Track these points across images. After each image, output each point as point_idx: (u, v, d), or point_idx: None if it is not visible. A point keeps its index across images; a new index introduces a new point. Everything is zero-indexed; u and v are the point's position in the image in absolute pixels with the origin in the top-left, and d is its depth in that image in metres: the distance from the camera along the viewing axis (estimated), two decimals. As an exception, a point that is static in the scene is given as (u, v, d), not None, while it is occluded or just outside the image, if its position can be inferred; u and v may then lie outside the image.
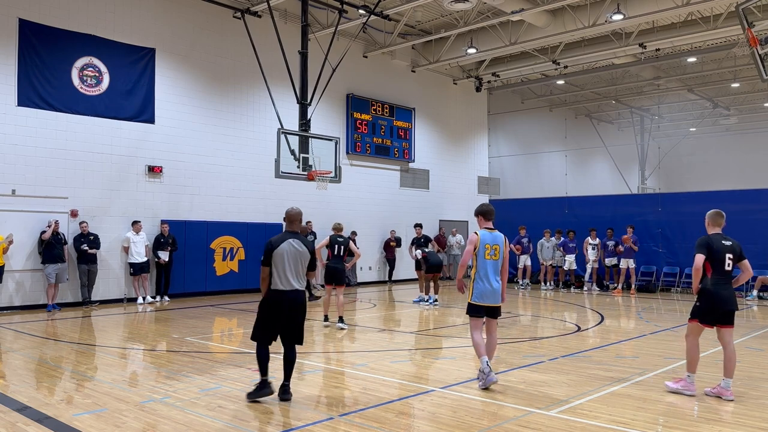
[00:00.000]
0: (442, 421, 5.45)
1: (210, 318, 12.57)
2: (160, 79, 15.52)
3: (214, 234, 16.25)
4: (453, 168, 23.81)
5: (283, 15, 17.54)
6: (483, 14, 18.12)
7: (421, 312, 13.57)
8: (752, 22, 12.78)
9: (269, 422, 5.48)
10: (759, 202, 16.94)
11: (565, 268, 18.88)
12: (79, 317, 12.38)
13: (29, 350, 8.90)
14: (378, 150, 20.81)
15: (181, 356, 8.43)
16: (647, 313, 13.67)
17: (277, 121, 14.94)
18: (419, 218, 19.22)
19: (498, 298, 6.70)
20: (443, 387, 6.63)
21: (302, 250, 6.21)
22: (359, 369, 7.73)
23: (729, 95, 28.37)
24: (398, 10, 17.42)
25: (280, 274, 6.13)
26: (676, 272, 17.93)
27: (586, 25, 17.57)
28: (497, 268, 6.74)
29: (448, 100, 23.78)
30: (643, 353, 8.78)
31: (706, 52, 21.03)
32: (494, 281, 6.65)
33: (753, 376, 7.17)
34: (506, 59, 22.79)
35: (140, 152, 15.10)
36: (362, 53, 20.37)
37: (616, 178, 29.22)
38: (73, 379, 7.29)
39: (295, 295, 6.18)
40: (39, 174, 13.50)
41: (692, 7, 16.07)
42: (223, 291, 16.03)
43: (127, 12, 15.01)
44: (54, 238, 13.13)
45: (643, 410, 5.78)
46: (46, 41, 13.62)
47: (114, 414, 5.63)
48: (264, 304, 6.22)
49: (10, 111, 13.18)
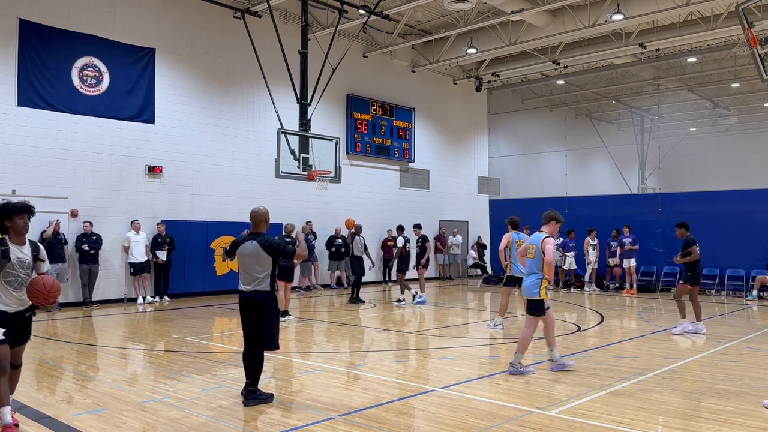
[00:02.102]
0: (442, 421, 5.45)
1: (210, 318, 12.58)
2: (160, 79, 15.52)
3: (214, 234, 16.25)
4: (453, 168, 23.81)
5: (283, 15, 17.54)
6: (483, 14, 18.12)
7: (421, 312, 13.56)
8: (752, 22, 12.74)
9: (269, 422, 5.48)
10: (759, 202, 16.93)
11: (565, 268, 18.88)
12: (79, 317, 12.39)
13: (29, 350, 8.84)
14: (378, 150, 20.81)
15: (181, 356, 8.42)
16: (647, 313, 13.67)
17: (277, 121, 14.94)
18: (419, 218, 19.20)
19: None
20: (443, 387, 6.63)
21: (256, 251, 6.02)
22: (359, 369, 7.73)
23: (729, 95, 28.37)
24: (398, 10, 17.42)
25: (240, 275, 6.16)
26: (676, 272, 17.91)
27: (586, 25, 17.56)
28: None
29: (448, 100, 23.78)
30: (643, 353, 8.77)
31: (706, 52, 21.03)
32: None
33: (753, 376, 7.17)
34: (506, 59, 22.79)
35: (140, 152, 15.10)
36: (362, 53, 20.37)
37: (616, 178, 29.22)
38: (73, 379, 7.30)
39: (249, 297, 6.06)
40: (39, 174, 13.50)
41: (692, 7, 16.07)
42: (223, 291, 16.03)
43: (127, 12, 15.01)
44: (54, 238, 13.13)
45: (643, 410, 5.77)
46: (46, 41, 13.62)
47: (114, 414, 5.63)
48: None
49: (10, 111, 13.18)
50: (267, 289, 6.06)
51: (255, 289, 6.03)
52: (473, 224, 24.24)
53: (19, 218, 4.95)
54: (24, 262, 4.97)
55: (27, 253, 5.03)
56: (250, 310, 6.08)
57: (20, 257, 4.96)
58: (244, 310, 6.12)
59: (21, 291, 4.94)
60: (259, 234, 6.17)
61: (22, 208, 4.97)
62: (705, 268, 17.51)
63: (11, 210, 4.94)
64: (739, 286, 16.93)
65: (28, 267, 4.99)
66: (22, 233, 4.99)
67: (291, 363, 8.05)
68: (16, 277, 4.91)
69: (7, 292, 4.89)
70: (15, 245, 4.96)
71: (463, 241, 23.11)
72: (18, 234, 4.97)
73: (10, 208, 4.95)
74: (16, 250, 4.95)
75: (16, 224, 4.95)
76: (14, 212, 4.94)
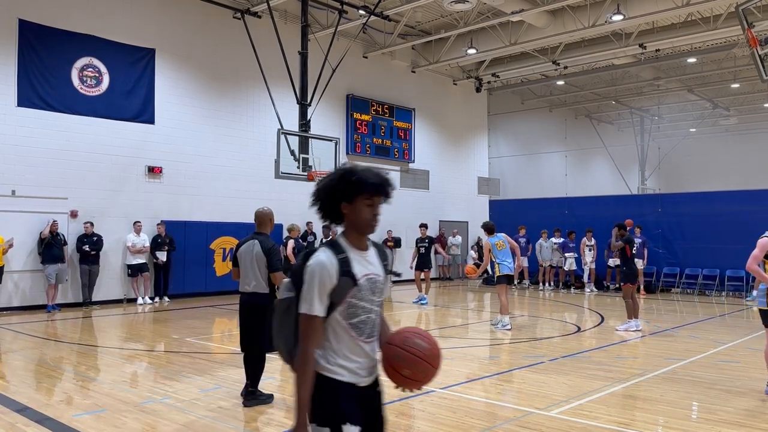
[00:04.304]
0: (442, 422, 5.44)
1: (210, 318, 12.58)
2: (160, 80, 15.52)
3: (214, 234, 16.25)
4: (453, 168, 23.81)
5: (283, 15, 17.54)
6: (483, 15, 18.12)
7: (420, 312, 13.57)
8: (752, 23, 12.78)
9: (269, 422, 5.48)
10: (759, 202, 16.91)
11: (565, 269, 18.87)
12: (79, 318, 12.38)
13: (29, 351, 8.90)
14: (378, 150, 20.81)
15: (181, 357, 8.42)
16: (647, 313, 13.66)
17: (277, 121, 14.93)
18: (419, 219, 19.20)
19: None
20: (443, 387, 6.62)
21: (256, 251, 5.98)
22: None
23: (729, 96, 28.38)
24: (398, 10, 17.42)
25: (241, 277, 6.12)
26: (676, 272, 17.92)
27: (586, 25, 17.56)
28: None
29: (448, 101, 23.78)
30: (643, 354, 8.77)
31: (706, 52, 21.03)
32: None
33: (753, 376, 7.16)
34: (506, 60, 22.79)
35: (140, 153, 15.09)
36: (362, 53, 20.37)
37: (616, 179, 29.24)
38: (73, 379, 7.29)
39: (249, 299, 6.04)
40: (39, 174, 13.50)
41: (692, 7, 16.07)
42: (223, 291, 16.01)
43: (127, 12, 15.01)
44: (53, 238, 13.12)
45: (643, 410, 5.77)
46: (46, 41, 13.62)
47: (114, 414, 5.62)
48: None
49: (10, 111, 13.18)
50: (266, 291, 6.04)
51: (255, 291, 6.03)
52: (473, 225, 24.21)
53: (367, 201, 2.57)
54: (376, 283, 2.61)
55: (376, 264, 2.65)
56: (250, 312, 6.06)
57: (370, 275, 2.59)
58: (244, 311, 6.11)
59: (373, 341, 2.64)
60: (262, 234, 6.17)
61: (374, 185, 2.57)
62: (705, 269, 17.56)
63: (357, 185, 2.56)
64: (739, 287, 16.93)
65: (380, 292, 2.65)
66: (368, 230, 2.61)
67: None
68: (368, 313, 2.58)
69: (353, 344, 2.56)
70: (357, 252, 2.59)
71: (462, 241, 23.10)
72: (361, 231, 2.61)
73: (355, 180, 2.56)
74: (363, 262, 2.59)
75: (361, 213, 2.57)
76: (363, 189, 2.56)
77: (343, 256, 2.52)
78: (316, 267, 2.47)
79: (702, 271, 17.52)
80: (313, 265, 2.48)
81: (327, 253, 2.52)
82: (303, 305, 2.49)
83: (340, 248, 2.56)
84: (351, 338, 2.55)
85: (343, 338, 2.54)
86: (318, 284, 2.46)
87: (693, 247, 17.73)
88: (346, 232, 2.62)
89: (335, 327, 2.53)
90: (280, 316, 2.65)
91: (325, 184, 2.62)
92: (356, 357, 2.56)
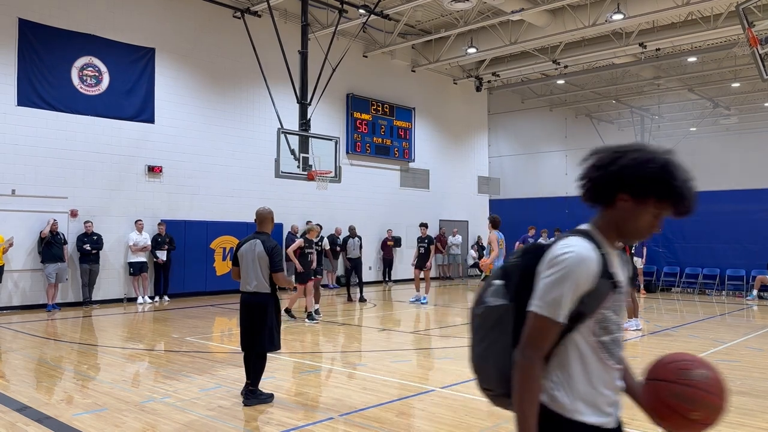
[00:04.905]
0: (442, 421, 5.44)
1: (210, 318, 12.57)
2: (160, 79, 15.52)
3: (214, 234, 16.25)
4: (453, 168, 23.81)
5: (283, 15, 17.53)
6: (483, 14, 18.11)
7: (420, 312, 13.56)
8: (752, 22, 12.78)
9: (269, 422, 5.48)
10: (759, 202, 16.93)
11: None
12: (79, 317, 12.38)
13: (29, 350, 8.90)
14: (378, 150, 20.80)
15: (181, 356, 8.42)
16: (647, 313, 13.66)
17: (277, 120, 14.93)
18: (419, 218, 19.21)
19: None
20: (443, 387, 6.63)
21: (258, 250, 6.01)
22: (359, 369, 7.72)
23: (729, 95, 28.35)
24: (398, 9, 17.41)
25: (242, 276, 6.13)
26: (677, 272, 17.93)
27: (586, 24, 17.56)
28: None
29: (448, 100, 23.77)
30: (643, 353, 8.77)
31: (706, 51, 21.01)
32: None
33: (753, 376, 7.16)
34: (506, 59, 22.78)
35: (140, 152, 15.09)
36: (362, 53, 20.36)
37: (617, 178, 29.15)
38: (73, 378, 7.29)
39: (250, 298, 6.05)
40: (39, 174, 13.50)
41: (692, 6, 16.06)
42: (223, 291, 16.02)
43: (127, 12, 15.01)
44: (53, 237, 13.13)
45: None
46: (45, 41, 13.62)
47: (114, 414, 5.62)
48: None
49: (10, 111, 13.18)
50: (268, 291, 6.05)
51: (257, 291, 6.03)
52: (473, 224, 24.24)
53: (659, 211, 1.96)
54: (622, 294, 2.02)
55: (622, 272, 2.06)
56: (249, 310, 6.06)
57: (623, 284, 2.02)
58: (244, 310, 6.11)
59: (621, 369, 2.15)
60: (263, 233, 6.16)
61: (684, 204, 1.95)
62: (705, 268, 17.56)
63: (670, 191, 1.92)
64: (740, 286, 16.93)
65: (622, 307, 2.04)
66: (636, 238, 2.04)
67: (291, 363, 8.04)
68: (620, 331, 2.03)
69: (603, 370, 1.98)
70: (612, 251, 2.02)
71: (462, 241, 23.10)
72: (627, 235, 2.02)
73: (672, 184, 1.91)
74: (619, 264, 2.03)
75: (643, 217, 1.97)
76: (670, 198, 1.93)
77: (604, 252, 1.90)
78: (574, 260, 1.84)
79: (702, 270, 17.54)
80: (569, 257, 1.84)
81: (586, 245, 1.88)
82: (539, 303, 1.85)
83: (598, 241, 1.92)
84: (600, 362, 1.91)
85: (590, 362, 1.91)
86: (572, 282, 1.82)
87: (693, 246, 17.74)
88: (601, 225, 1.98)
89: (580, 346, 1.89)
90: (486, 330, 2.00)
91: (630, 162, 1.89)
92: (604, 388, 1.93)
